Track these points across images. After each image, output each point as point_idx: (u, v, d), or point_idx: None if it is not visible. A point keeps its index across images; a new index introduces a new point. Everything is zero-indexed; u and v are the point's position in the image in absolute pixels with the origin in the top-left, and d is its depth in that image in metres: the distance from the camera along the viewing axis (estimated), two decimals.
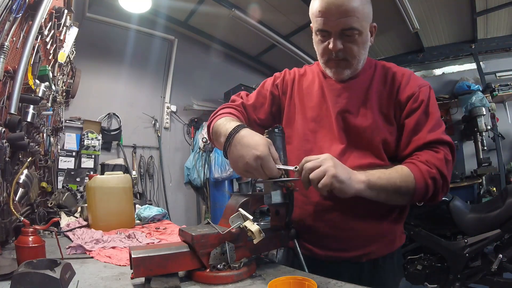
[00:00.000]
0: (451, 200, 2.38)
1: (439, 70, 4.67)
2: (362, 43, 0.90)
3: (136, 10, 3.31)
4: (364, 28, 0.89)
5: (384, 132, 0.88)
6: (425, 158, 0.83)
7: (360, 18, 0.86)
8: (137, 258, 0.68)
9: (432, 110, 0.87)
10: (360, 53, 0.90)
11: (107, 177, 1.58)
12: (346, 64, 0.90)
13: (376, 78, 0.94)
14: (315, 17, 0.88)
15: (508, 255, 2.08)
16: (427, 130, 0.85)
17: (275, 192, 0.85)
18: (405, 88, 0.89)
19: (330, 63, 0.92)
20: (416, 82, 0.91)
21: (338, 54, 0.88)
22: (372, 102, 0.90)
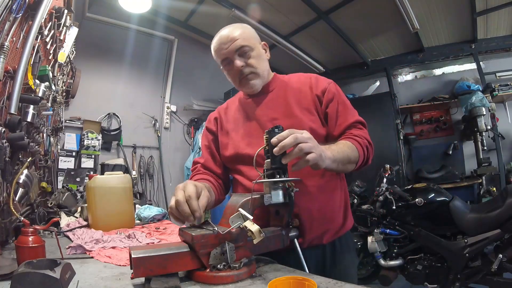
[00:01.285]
0: (451, 200, 2.38)
1: (439, 70, 4.67)
2: (258, 56, 1.09)
3: (136, 10, 3.31)
4: (253, 45, 1.08)
5: (308, 122, 1.04)
6: (356, 133, 1.03)
7: (246, 38, 1.06)
8: (137, 258, 0.68)
9: (344, 99, 1.10)
10: (260, 64, 1.09)
11: (107, 177, 1.58)
12: (254, 76, 1.09)
13: (291, 84, 1.13)
14: (216, 55, 1.11)
15: (508, 255, 2.08)
16: (349, 115, 1.07)
17: (275, 192, 0.85)
18: (317, 85, 1.10)
19: (242, 81, 1.10)
20: (324, 80, 1.13)
21: (244, 71, 1.07)
22: (291, 103, 1.08)
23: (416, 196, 2.45)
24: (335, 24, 3.89)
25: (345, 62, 5.03)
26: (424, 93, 4.60)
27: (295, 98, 1.08)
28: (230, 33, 1.06)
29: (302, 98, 1.08)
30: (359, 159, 0.99)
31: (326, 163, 0.86)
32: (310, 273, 0.82)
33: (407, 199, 2.48)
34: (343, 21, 3.86)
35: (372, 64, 4.93)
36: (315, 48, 4.60)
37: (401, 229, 2.55)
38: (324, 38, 4.26)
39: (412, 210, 2.46)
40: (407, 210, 2.49)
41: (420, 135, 4.66)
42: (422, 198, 2.42)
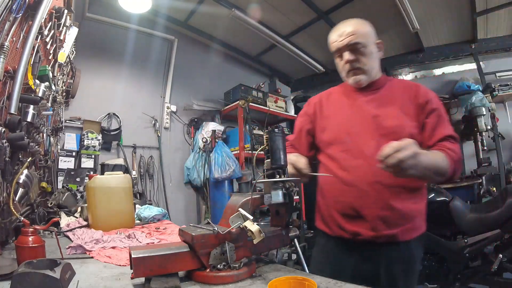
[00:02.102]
0: (451, 200, 2.38)
1: (439, 70, 4.67)
2: (369, 54, 1.15)
3: (136, 10, 3.31)
4: (367, 42, 1.15)
5: (409, 128, 1.09)
6: (449, 147, 1.05)
7: (361, 35, 1.14)
8: (137, 258, 0.68)
9: (444, 113, 1.14)
10: (369, 62, 1.15)
11: (107, 177, 1.58)
12: (360, 72, 1.15)
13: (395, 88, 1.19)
14: (331, 44, 1.20)
15: (508, 255, 2.08)
16: (446, 128, 1.10)
17: (275, 192, 0.85)
18: (421, 94, 1.14)
19: (349, 74, 1.18)
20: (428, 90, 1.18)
21: (353, 65, 1.15)
22: (395, 106, 1.13)
23: None
24: (335, 24, 3.88)
25: None
26: None
27: (399, 102, 1.14)
28: (348, 27, 1.15)
29: (406, 104, 1.13)
30: (448, 172, 1.03)
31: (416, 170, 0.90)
32: (310, 273, 0.82)
33: None
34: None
35: None
36: (315, 48, 4.60)
37: None
38: (324, 38, 4.18)
39: None
40: None
41: None
42: None
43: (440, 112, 1.12)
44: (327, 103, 1.27)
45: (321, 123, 1.24)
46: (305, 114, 1.32)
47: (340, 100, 1.24)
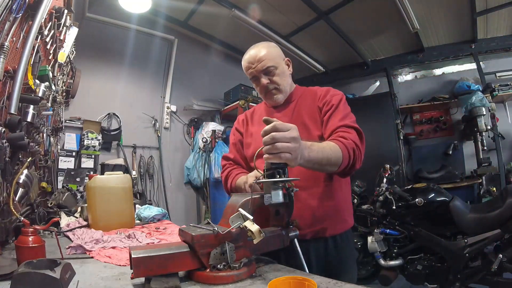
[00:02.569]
0: (451, 200, 2.38)
1: (439, 70, 4.67)
2: (282, 73, 1.25)
3: (136, 10, 3.31)
4: (278, 64, 1.24)
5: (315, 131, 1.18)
6: (342, 135, 1.07)
7: (271, 58, 1.22)
8: (137, 258, 0.68)
9: (341, 109, 1.18)
10: (283, 81, 1.26)
11: (107, 177, 1.58)
12: (277, 92, 1.26)
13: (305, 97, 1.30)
14: (246, 71, 1.27)
15: (508, 255, 2.08)
16: (338, 119, 1.14)
17: (275, 192, 0.85)
18: (322, 98, 1.24)
19: (267, 95, 1.28)
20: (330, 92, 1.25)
21: (269, 87, 1.24)
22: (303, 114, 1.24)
23: (416, 196, 2.45)
24: (335, 24, 3.89)
25: (345, 62, 5.03)
26: (424, 93, 4.60)
27: (307, 109, 1.25)
28: (257, 53, 1.22)
29: (312, 109, 1.24)
30: (343, 161, 0.99)
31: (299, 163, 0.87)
32: (310, 273, 0.82)
33: (407, 199, 2.48)
34: (343, 21, 3.86)
35: (372, 64, 4.92)
36: (315, 48, 4.60)
37: (401, 229, 2.55)
38: (324, 38, 4.26)
39: (412, 210, 2.46)
40: (407, 210, 2.49)
41: (420, 135, 4.66)
42: (422, 198, 2.42)
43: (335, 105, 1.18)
44: (251, 121, 1.38)
45: (246, 139, 1.35)
46: (236, 131, 1.42)
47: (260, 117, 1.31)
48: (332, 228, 1.16)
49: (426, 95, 4.54)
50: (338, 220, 1.19)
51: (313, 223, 1.13)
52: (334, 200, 1.18)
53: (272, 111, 1.33)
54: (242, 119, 1.42)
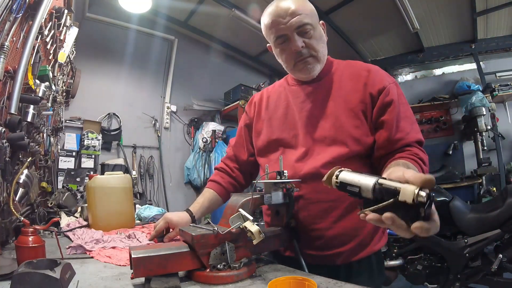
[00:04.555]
0: (451, 200, 2.38)
1: (439, 70, 4.67)
2: (320, 37, 0.94)
3: (136, 10, 3.31)
4: (315, 23, 0.93)
5: (350, 129, 0.89)
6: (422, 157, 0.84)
7: (308, 15, 0.91)
8: (137, 258, 0.68)
9: (407, 107, 0.91)
10: (320, 46, 0.94)
11: (107, 177, 1.58)
12: (314, 60, 0.94)
13: (341, 75, 0.97)
14: (270, 29, 0.93)
15: (508, 255, 2.08)
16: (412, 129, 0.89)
17: (275, 193, 0.85)
18: (374, 82, 0.90)
19: (299, 64, 0.94)
20: (384, 76, 0.93)
21: (303, 52, 0.92)
22: (338, 101, 0.93)
23: None
24: (335, 24, 3.89)
25: None
26: (424, 93, 4.60)
27: (343, 95, 0.93)
28: (290, 4, 0.88)
29: (352, 96, 0.91)
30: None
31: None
32: (310, 273, 0.82)
33: None
34: (343, 21, 3.86)
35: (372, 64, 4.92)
36: None
37: None
38: None
39: None
40: None
41: None
42: None
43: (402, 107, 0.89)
44: (266, 103, 1.09)
45: (257, 126, 1.09)
46: (246, 116, 1.16)
47: (278, 98, 1.06)
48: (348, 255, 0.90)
49: (426, 95, 4.54)
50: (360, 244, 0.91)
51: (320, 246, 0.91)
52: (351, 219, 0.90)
53: (294, 90, 1.01)
54: (255, 102, 1.14)
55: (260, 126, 1.07)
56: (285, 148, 0.98)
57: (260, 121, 1.08)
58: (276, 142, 1.00)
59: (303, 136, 0.95)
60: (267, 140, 1.03)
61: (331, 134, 0.90)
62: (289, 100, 1.02)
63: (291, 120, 0.99)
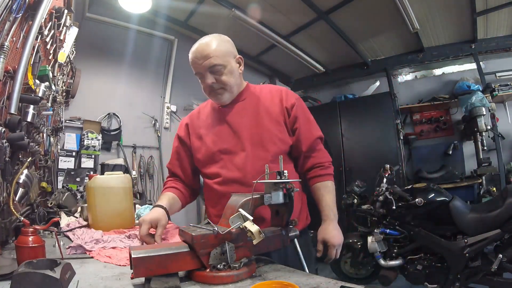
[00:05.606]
0: (451, 200, 2.38)
1: (439, 70, 4.67)
2: (229, 73, 1.15)
3: (136, 10, 3.31)
4: (226, 62, 1.14)
5: (276, 133, 1.16)
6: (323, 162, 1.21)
7: (219, 56, 1.12)
8: (137, 258, 0.68)
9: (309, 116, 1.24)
10: (230, 80, 1.15)
11: (107, 177, 1.58)
12: (222, 91, 1.17)
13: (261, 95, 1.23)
14: (192, 65, 1.17)
15: (508, 255, 2.08)
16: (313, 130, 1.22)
17: (275, 193, 0.85)
18: (287, 99, 1.20)
19: (211, 94, 1.19)
20: (293, 95, 1.24)
21: (214, 86, 1.15)
22: (262, 114, 1.18)
23: (416, 196, 2.45)
24: (335, 24, 3.89)
25: (345, 62, 5.03)
26: (424, 93, 4.60)
27: (265, 109, 1.19)
28: (204, 49, 1.12)
29: (272, 110, 1.19)
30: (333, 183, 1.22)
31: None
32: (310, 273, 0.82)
33: (407, 199, 2.48)
34: (343, 21, 3.86)
35: (372, 64, 4.92)
36: (315, 48, 4.60)
37: (401, 229, 2.55)
38: (324, 38, 4.26)
39: (412, 210, 2.46)
40: (407, 210, 2.49)
41: (420, 135, 4.66)
42: (422, 198, 2.42)
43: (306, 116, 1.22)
44: (198, 123, 1.29)
45: (194, 144, 1.27)
46: (178, 138, 1.34)
47: (209, 117, 1.27)
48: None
49: (426, 95, 4.54)
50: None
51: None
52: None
53: (222, 110, 1.24)
54: (186, 123, 1.33)
55: (198, 143, 1.26)
56: (227, 155, 1.18)
57: (197, 138, 1.27)
58: (218, 152, 1.19)
59: (242, 143, 1.16)
60: (209, 152, 1.21)
61: (264, 138, 1.15)
62: (219, 117, 1.24)
63: (227, 133, 1.20)
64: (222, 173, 1.16)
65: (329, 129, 4.65)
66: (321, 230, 1.15)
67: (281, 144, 1.15)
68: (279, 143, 1.15)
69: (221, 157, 1.19)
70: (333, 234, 1.12)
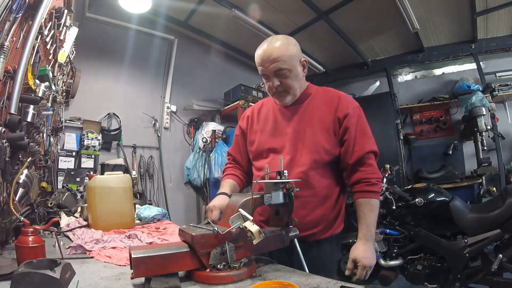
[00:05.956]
0: (451, 200, 2.38)
1: (439, 70, 4.67)
2: (295, 77, 1.19)
3: (136, 10, 3.31)
4: (292, 66, 1.17)
5: (323, 142, 1.17)
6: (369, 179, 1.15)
7: (286, 60, 1.15)
8: (137, 258, 0.68)
9: (364, 127, 1.20)
10: (294, 84, 1.19)
11: (107, 177, 1.58)
12: (286, 94, 1.21)
13: (318, 100, 1.25)
14: (258, 67, 1.20)
15: (508, 255, 2.08)
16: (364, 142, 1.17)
17: (275, 193, 0.86)
18: (341, 108, 1.19)
19: (274, 95, 1.24)
20: (350, 103, 1.21)
21: (278, 88, 1.19)
22: (314, 120, 1.20)
23: (416, 196, 2.45)
24: (335, 24, 3.89)
25: (345, 62, 5.03)
26: (424, 93, 4.60)
27: (319, 116, 1.21)
28: (272, 52, 1.14)
29: (325, 117, 1.20)
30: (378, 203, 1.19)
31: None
32: (310, 273, 0.82)
33: (407, 199, 2.48)
34: (343, 21, 3.86)
35: (372, 64, 4.92)
36: (315, 48, 4.60)
37: (401, 229, 2.55)
38: (324, 38, 4.26)
39: (412, 210, 2.46)
40: (407, 210, 2.49)
41: (420, 135, 4.66)
42: (422, 198, 2.42)
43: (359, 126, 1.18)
44: (257, 118, 1.35)
45: (250, 137, 1.34)
46: (240, 128, 1.41)
47: (267, 115, 1.32)
48: (318, 235, 1.19)
49: (426, 95, 4.54)
50: (327, 227, 1.20)
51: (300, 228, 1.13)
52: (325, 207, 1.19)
53: (280, 109, 1.30)
54: (248, 116, 1.39)
55: (253, 137, 1.32)
56: (274, 154, 1.23)
57: (253, 133, 1.33)
58: (267, 150, 1.25)
59: (289, 146, 1.21)
60: (260, 148, 1.28)
61: (309, 146, 1.17)
62: (276, 117, 1.29)
63: (279, 133, 1.25)
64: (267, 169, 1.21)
65: None
66: (355, 248, 1.13)
67: (325, 153, 1.17)
68: (322, 152, 1.17)
69: (268, 155, 1.25)
70: (366, 255, 1.11)
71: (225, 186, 1.27)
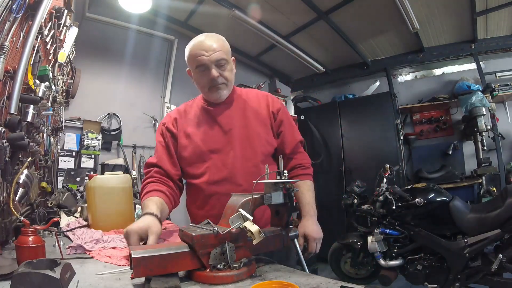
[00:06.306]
0: (451, 200, 2.38)
1: (439, 70, 4.67)
2: (231, 70, 1.22)
3: (136, 10, 3.30)
4: (229, 59, 1.21)
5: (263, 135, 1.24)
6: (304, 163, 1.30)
7: (225, 52, 1.18)
8: (137, 258, 0.68)
9: (291, 120, 1.34)
10: (231, 78, 1.22)
11: (107, 177, 1.58)
12: (224, 87, 1.20)
13: (246, 97, 1.30)
14: (192, 59, 1.20)
15: (508, 255, 2.08)
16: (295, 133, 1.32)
17: (275, 193, 0.85)
18: (273, 104, 1.29)
19: (212, 89, 1.20)
20: (278, 100, 1.34)
21: (218, 80, 1.17)
22: (250, 116, 1.24)
23: (416, 196, 2.45)
24: (335, 24, 3.88)
25: (345, 62, 5.03)
26: (424, 93, 4.60)
27: (253, 112, 1.25)
28: (213, 42, 1.16)
29: (260, 113, 1.26)
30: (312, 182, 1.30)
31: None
32: (310, 273, 0.82)
33: (407, 199, 2.48)
34: (343, 21, 3.86)
35: (372, 64, 4.92)
36: (315, 48, 4.60)
37: (401, 229, 2.55)
38: (324, 38, 4.25)
39: (412, 210, 2.46)
40: (407, 210, 2.49)
41: (420, 135, 4.66)
42: (422, 198, 2.42)
43: (289, 120, 1.32)
44: (185, 120, 1.28)
45: (182, 141, 1.24)
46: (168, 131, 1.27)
47: (198, 115, 1.28)
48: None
49: (426, 95, 4.54)
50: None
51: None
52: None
53: (211, 110, 1.25)
54: (175, 118, 1.29)
55: (185, 141, 1.24)
56: (217, 155, 1.20)
57: (184, 136, 1.25)
58: (209, 151, 1.20)
59: (236, 143, 1.20)
60: (198, 150, 1.21)
61: (253, 139, 1.21)
62: (208, 118, 1.26)
63: (220, 132, 1.22)
64: (211, 173, 1.19)
65: (329, 129, 4.65)
66: (302, 225, 1.21)
67: (268, 145, 1.23)
68: (266, 144, 1.23)
69: (210, 157, 1.20)
70: (313, 229, 1.19)
71: (149, 205, 1.06)
